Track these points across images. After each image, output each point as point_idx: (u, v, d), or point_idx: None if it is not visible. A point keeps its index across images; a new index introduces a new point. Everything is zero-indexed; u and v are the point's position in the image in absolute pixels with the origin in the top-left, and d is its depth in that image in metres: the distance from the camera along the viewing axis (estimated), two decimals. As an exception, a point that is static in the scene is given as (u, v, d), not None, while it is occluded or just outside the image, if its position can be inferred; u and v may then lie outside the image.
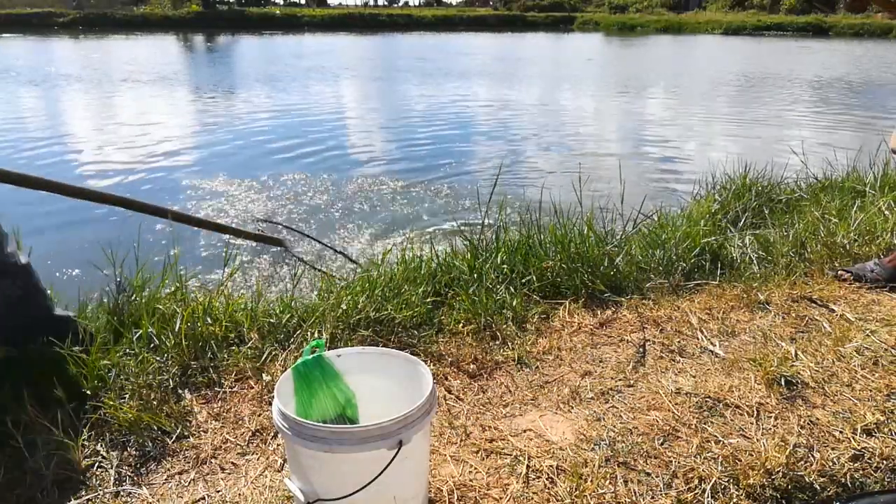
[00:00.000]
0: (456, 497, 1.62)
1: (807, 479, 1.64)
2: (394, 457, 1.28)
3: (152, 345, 2.16)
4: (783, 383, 2.07)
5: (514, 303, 2.57)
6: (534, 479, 1.68)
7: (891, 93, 14.99)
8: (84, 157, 7.70)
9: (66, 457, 1.69)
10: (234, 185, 6.45)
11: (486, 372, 2.18)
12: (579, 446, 1.80)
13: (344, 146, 8.74)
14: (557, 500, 1.60)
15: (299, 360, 1.46)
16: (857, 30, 42.66)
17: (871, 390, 2.06)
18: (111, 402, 1.83)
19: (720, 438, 1.81)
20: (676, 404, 1.99)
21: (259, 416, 1.93)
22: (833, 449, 1.77)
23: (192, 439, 1.82)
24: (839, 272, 2.95)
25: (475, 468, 1.72)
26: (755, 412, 1.94)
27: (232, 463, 1.74)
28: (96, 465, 1.70)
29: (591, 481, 1.65)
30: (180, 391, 2.02)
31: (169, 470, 1.70)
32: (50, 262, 4.19)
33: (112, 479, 1.65)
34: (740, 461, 1.70)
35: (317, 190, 6.35)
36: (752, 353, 2.28)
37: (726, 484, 1.63)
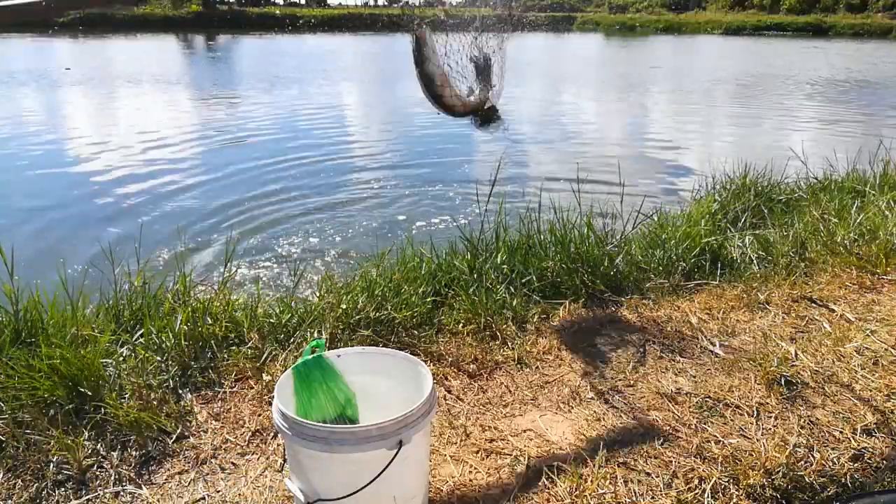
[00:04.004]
0: (456, 497, 1.62)
1: (807, 479, 1.64)
2: (394, 457, 1.28)
3: (152, 344, 2.16)
4: (783, 383, 2.07)
5: (514, 303, 2.57)
6: (534, 479, 1.68)
7: (891, 93, 14.99)
8: (95, 156, 7.70)
9: (66, 457, 1.69)
10: (230, 184, 6.44)
11: (486, 372, 2.18)
12: (579, 446, 1.80)
13: (344, 147, 8.73)
14: (557, 500, 1.60)
15: (299, 360, 1.46)
16: (856, 30, 42.69)
17: (871, 390, 2.06)
18: (111, 402, 1.83)
19: (720, 438, 1.81)
20: (676, 404, 1.99)
21: (259, 416, 1.93)
22: (833, 449, 1.77)
23: (192, 439, 1.82)
24: None
25: (475, 468, 1.72)
26: (755, 412, 1.94)
27: (232, 463, 1.74)
28: (96, 465, 1.70)
29: (591, 481, 1.65)
30: (180, 391, 2.02)
31: (169, 470, 1.70)
32: (49, 261, 4.19)
33: (112, 479, 1.65)
34: (740, 461, 1.70)
35: (316, 189, 6.34)
36: (752, 353, 2.28)
37: (726, 484, 1.63)
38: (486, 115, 2.51)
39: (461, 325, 2.43)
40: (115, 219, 5.42)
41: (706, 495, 1.60)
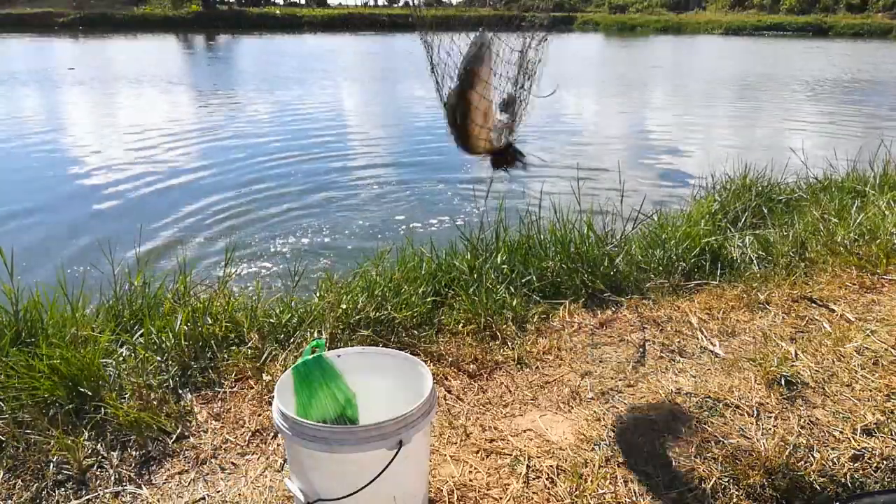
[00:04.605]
0: (456, 497, 1.62)
1: (807, 479, 1.64)
2: (394, 457, 1.28)
3: (152, 344, 2.16)
4: (783, 383, 2.07)
5: (514, 303, 2.57)
6: (534, 479, 1.68)
7: (892, 93, 14.99)
8: (94, 156, 7.70)
9: (66, 457, 1.69)
10: (231, 184, 6.44)
11: (486, 372, 2.18)
12: (579, 446, 1.80)
13: (344, 146, 8.73)
14: (557, 500, 1.60)
15: (299, 360, 1.46)
16: (856, 30, 42.68)
17: (871, 390, 2.06)
18: (111, 402, 1.83)
19: (720, 438, 1.81)
20: (676, 404, 1.99)
21: (259, 416, 1.93)
22: (833, 449, 1.77)
23: (192, 439, 1.82)
24: None
25: (475, 468, 1.72)
26: (755, 412, 1.94)
27: (232, 463, 1.74)
28: (96, 465, 1.70)
29: (591, 481, 1.65)
30: (180, 391, 2.02)
31: (169, 470, 1.71)
32: (50, 261, 4.19)
33: (112, 479, 1.65)
34: (740, 461, 1.70)
35: (316, 189, 6.34)
36: (752, 353, 2.28)
37: (726, 484, 1.63)
38: (508, 158, 1.98)
39: (461, 325, 2.43)
40: (116, 218, 5.42)
41: (706, 495, 1.60)
